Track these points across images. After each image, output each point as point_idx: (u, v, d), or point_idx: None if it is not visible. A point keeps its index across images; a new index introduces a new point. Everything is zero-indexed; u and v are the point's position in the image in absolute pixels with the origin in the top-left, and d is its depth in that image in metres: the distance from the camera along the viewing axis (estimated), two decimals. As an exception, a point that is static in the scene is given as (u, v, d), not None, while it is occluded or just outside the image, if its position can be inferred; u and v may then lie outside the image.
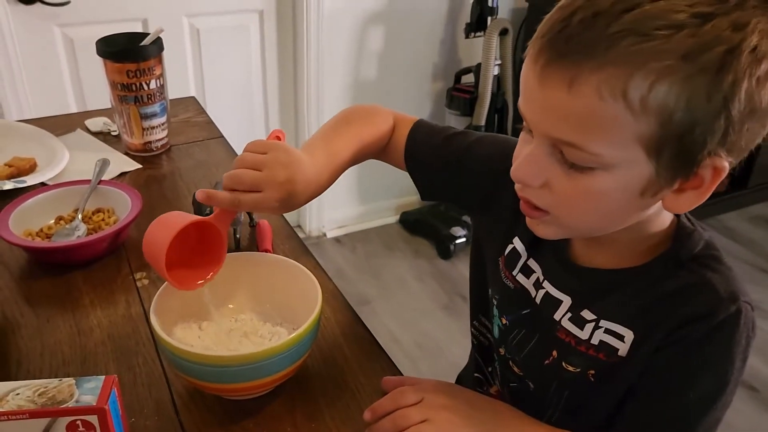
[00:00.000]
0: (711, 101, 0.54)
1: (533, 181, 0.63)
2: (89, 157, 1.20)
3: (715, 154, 0.57)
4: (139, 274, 0.95)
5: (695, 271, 0.67)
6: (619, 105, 0.54)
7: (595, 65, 0.54)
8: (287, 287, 0.81)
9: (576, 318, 0.72)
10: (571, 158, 0.59)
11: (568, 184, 0.61)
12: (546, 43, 0.57)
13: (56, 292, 0.92)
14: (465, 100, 2.52)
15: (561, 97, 0.56)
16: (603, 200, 0.61)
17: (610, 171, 0.58)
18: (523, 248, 0.79)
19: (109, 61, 1.17)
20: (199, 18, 2.21)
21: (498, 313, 0.82)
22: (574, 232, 0.68)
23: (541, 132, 0.60)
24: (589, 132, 0.56)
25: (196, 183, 1.18)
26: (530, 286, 0.77)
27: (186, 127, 1.38)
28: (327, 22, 2.34)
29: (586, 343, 0.71)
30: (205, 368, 0.69)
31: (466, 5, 2.52)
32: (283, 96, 2.49)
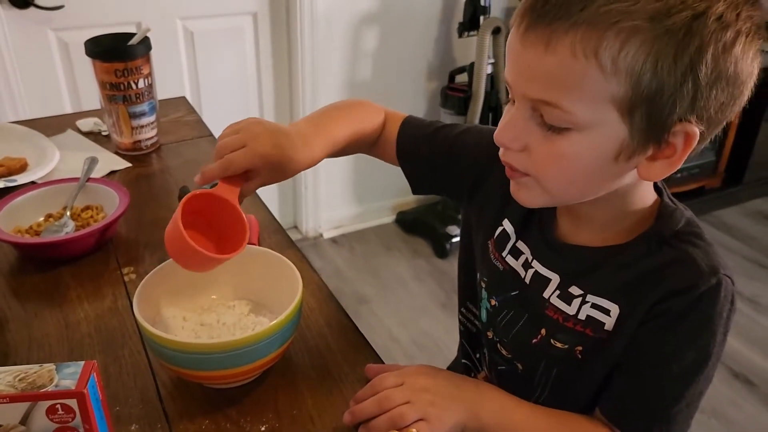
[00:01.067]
0: (678, 64, 0.56)
1: (513, 144, 0.65)
2: (79, 156, 1.21)
3: (686, 120, 0.60)
4: (127, 268, 0.96)
5: (677, 246, 0.69)
6: (591, 64, 0.57)
7: (569, 25, 0.57)
8: (269, 278, 0.82)
9: (564, 294, 0.74)
10: (549, 119, 0.62)
11: (545, 147, 0.63)
12: (527, 9, 0.60)
13: (45, 287, 0.93)
14: (459, 99, 2.53)
15: (539, 56, 0.59)
16: (579, 162, 0.63)
17: (585, 132, 0.61)
18: (512, 230, 0.81)
19: (97, 61, 1.19)
20: (193, 21, 2.23)
21: (486, 296, 0.83)
22: (554, 198, 0.69)
23: (521, 93, 0.63)
24: (564, 90, 0.59)
25: (184, 180, 1.19)
26: (519, 267, 0.79)
27: (176, 126, 1.39)
28: (321, 23, 2.35)
29: (574, 319, 0.73)
30: (188, 356, 0.70)
31: (459, 5, 2.53)
32: (279, 97, 2.50)
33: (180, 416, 0.73)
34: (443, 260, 2.64)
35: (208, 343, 0.72)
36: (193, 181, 0.98)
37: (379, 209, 2.86)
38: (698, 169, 2.90)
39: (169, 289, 0.80)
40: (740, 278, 2.50)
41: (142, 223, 1.07)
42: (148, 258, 0.99)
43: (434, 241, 2.69)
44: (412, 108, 2.71)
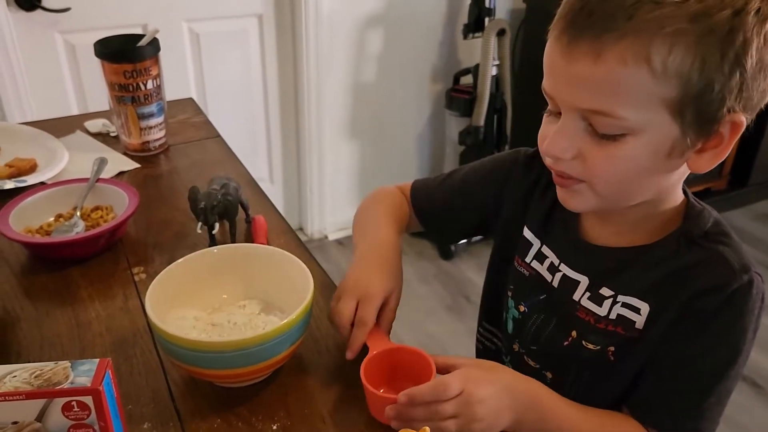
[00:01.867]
0: (724, 60, 0.58)
1: (565, 153, 0.66)
2: (88, 157, 1.22)
3: (733, 111, 0.61)
4: (137, 268, 0.97)
5: (707, 246, 0.70)
6: (643, 70, 0.59)
7: (617, 35, 0.59)
8: (280, 278, 0.83)
9: (595, 296, 0.74)
10: (601, 127, 0.63)
11: (600, 153, 0.65)
12: (569, 22, 0.62)
13: (55, 286, 0.93)
14: (464, 101, 2.53)
15: (588, 68, 0.61)
16: (634, 164, 0.65)
17: (639, 135, 0.62)
18: (533, 236, 0.82)
19: (106, 62, 1.19)
20: (199, 23, 2.23)
21: (514, 304, 0.84)
22: (606, 201, 0.70)
23: (570, 105, 0.64)
24: (616, 98, 0.61)
25: (192, 180, 1.18)
26: (545, 271, 0.80)
27: (184, 127, 1.39)
28: (326, 25, 2.36)
29: (605, 320, 0.74)
30: (199, 354, 0.71)
31: (463, 7, 2.53)
32: (284, 99, 2.51)
33: (192, 415, 0.74)
34: (448, 262, 2.64)
35: (219, 341, 0.73)
36: (203, 185, 0.99)
37: (384, 211, 2.86)
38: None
39: (180, 289, 0.81)
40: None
41: (151, 224, 1.07)
42: (157, 258, 0.99)
43: (439, 243, 2.69)
44: (417, 109, 2.72)
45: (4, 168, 1.16)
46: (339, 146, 2.63)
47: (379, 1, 2.42)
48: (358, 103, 2.59)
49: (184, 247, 1.01)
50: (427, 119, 2.77)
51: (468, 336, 2.34)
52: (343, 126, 2.60)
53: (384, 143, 2.71)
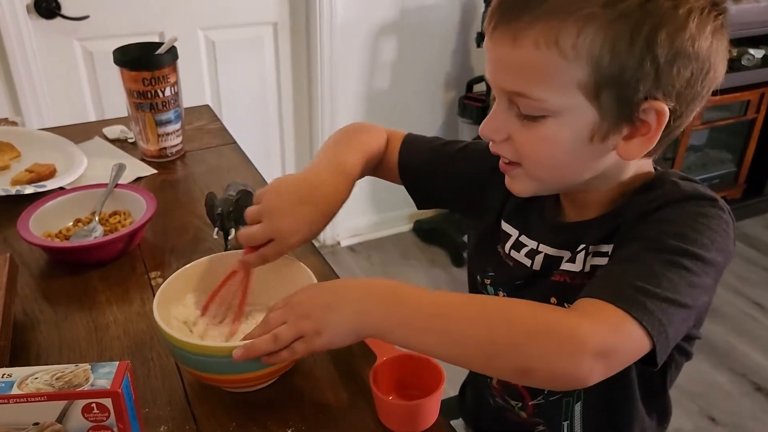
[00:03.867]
0: (634, 45, 0.60)
1: (496, 135, 0.71)
2: (106, 162, 1.24)
3: (652, 98, 0.63)
4: (154, 273, 0.98)
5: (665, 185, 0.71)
6: (553, 52, 0.62)
7: (531, 19, 0.62)
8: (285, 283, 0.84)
9: (570, 258, 0.76)
10: (524, 109, 0.66)
11: (525, 134, 0.68)
12: (495, 8, 0.66)
13: (74, 290, 0.95)
14: (477, 109, 2.54)
15: (507, 52, 0.65)
16: (558, 146, 0.67)
17: (558, 117, 0.65)
18: (510, 227, 0.84)
19: (125, 70, 1.21)
20: (215, 31, 2.26)
21: (493, 290, 0.86)
22: (544, 184, 0.73)
23: (498, 88, 0.68)
24: (532, 80, 0.64)
25: (209, 186, 1.20)
26: (522, 257, 0.81)
27: (200, 134, 1.41)
28: (340, 33, 2.38)
29: (581, 275, 0.75)
30: (205, 359, 0.71)
31: (477, 14, 2.55)
32: (297, 106, 2.53)
33: (207, 418, 0.74)
34: (461, 269, 2.64)
35: (223, 346, 0.73)
36: (219, 191, 1.00)
37: (397, 218, 2.87)
38: (718, 180, 2.88)
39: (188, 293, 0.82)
40: (763, 291, 2.50)
41: (167, 229, 1.08)
42: (174, 263, 1.00)
43: (451, 250, 2.70)
44: (430, 117, 2.73)
45: (24, 173, 1.18)
46: (352, 153, 2.64)
47: (392, 9, 2.44)
48: (372, 110, 2.60)
49: (201, 252, 1.02)
50: (439, 126, 2.77)
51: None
52: (356, 133, 2.61)
53: (397, 150, 2.71)
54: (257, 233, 0.79)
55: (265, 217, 0.79)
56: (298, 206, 0.80)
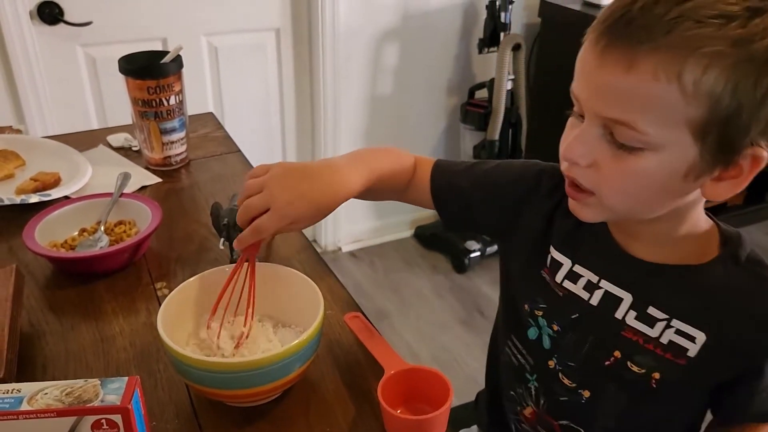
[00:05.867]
0: (757, 89, 0.58)
1: (582, 159, 0.66)
2: (111, 171, 1.23)
3: (756, 144, 0.61)
4: (160, 283, 0.98)
5: (753, 271, 0.71)
6: (673, 86, 0.58)
7: (652, 47, 0.58)
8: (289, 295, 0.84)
9: (643, 316, 0.73)
10: (621, 138, 0.63)
11: (615, 164, 0.64)
12: (607, 27, 0.61)
13: (80, 300, 0.94)
14: (479, 115, 2.54)
15: (618, 77, 0.60)
16: (648, 181, 0.64)
17: (657, 152, 0.62)
18: (562, 256, 0.81)
19: (130, 78, 1.21)
20: (217, 37, 2.26)
21: (546, 323, 0.82)
22: (615, 214, 0.71)
23: (594, 111, 0.64)
24: (642, 111, 0.60)
25: (214, 195, 1.20)
26: (580, 290, 0.78)
27: (204, 141, 1.41)
28: (342, 39, 2.38)
29: (655, 341, 0.73)
30: (211, 375, 0.71)
31: (479, 21, 2.55)
32: (300, 112, 2.53)
33: (215, 430, 0.74)
34: (462, 275, 2.64)
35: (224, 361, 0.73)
36: (224, 200, 1.00)
37: (398, 224, 2.87)
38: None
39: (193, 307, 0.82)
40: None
41: (173, 239, 1.08)
42: (180, 273, 1.00)
43: (453, 256, 2.70)
44: (432, 123, 2.73)
45: (28, 182, 1.17)
46: (354, 159, 2.64)
47: (394, 15, 2.44)
48: (374, 116, 2.60)
49: (206, 262, 1.02)
50: (441, 132, 2.78)
51: (482, 349, 2.34)
52: (358, 139, 2.62)
53: (399, 156, 2.72)
54: (254, 201, 0.77)
55: (265, 188, 0.78)
56: (301, 181, 0.79)
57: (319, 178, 0.81)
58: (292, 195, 0.77)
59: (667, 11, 0.58)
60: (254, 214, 0.77)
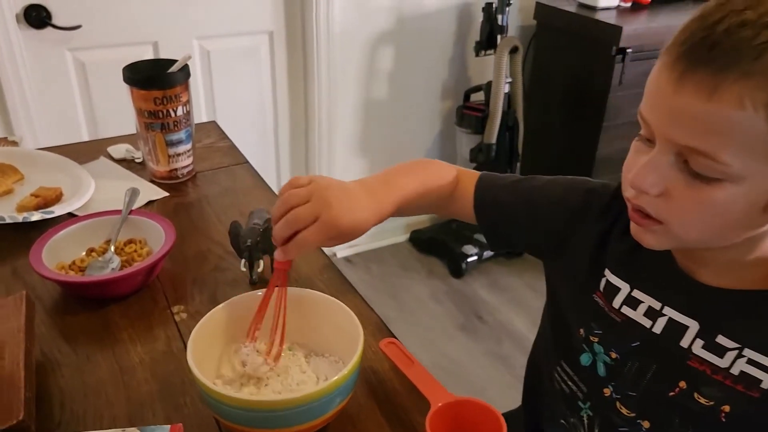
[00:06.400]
0: None
1: (653, 188, 0.62)
2: (115, 185, 1.18)
3: None
4: (177, 307, 0.93)
5: None
6: (759, 116, 0.55)
7: (740, 74, 0.54)
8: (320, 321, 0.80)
9: (712, 345, 0.69)
10: (698, 168, 0.59)
11: (689, 194, 0.61)
12: (686, 51, 0.57)
13: (93, 327, 0.89)
14: (476, 118, 2.51)
15: (699, 104, 0.56)
16: (724, 212, 0.60)
17: (737, 183, 0.58)
18: (619, 281, 0.77)
19: (135, 89, 1.16)
20: (210, 40, 2.20)
21: (603, 350, 0.78)
22: (682, 243, 0.67)
23: (668, 139, 0.60)
24: (724, 141, 0.56)
25: (224, 210, 1.15)
26: (640, 317, 0.74)
27: (210, 152, 1.36)
28: (337, 42, 2.33)
29: (725, 372, 0.68)
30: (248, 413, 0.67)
31: (474, 24, 2.52)
32: (294, 116, 2.47)
33: (251, 471, 0.70)
34: (459, 280, 2.61)
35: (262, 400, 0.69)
36: (236, 215, 0.95)
37: (393, 228, 2.83)
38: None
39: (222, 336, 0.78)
40: None
41: (186, 258, 1.03)
42: (197, 295, 0.95)
43: (450, 260, 2.67)
44: (427, 126, 2.69)
45: (29, 198, 1.11)
46: (349, 163, 2.60)
47: (389, 18, 2.40)
48: (369, 119, 2.56)
49: (224, 283, 0.97)
50: (437, 135, 2.74)
51: (484, 356, 2.33)
52: (353, 143, 2.57)
53: (394, 160, 2.66)
54: (302, 212, 0.73)
55: (315, 195, 0.74)
56: (348, 196, 0.76)
57: (360, 196, 0.77)
58: (341, 209, 0.74)
59: (755, 35, 0.54)
60: (301, 226, 0.73)
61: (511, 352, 2.25)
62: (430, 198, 0.86)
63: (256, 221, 0.95)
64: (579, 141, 2.53)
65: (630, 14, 2.46)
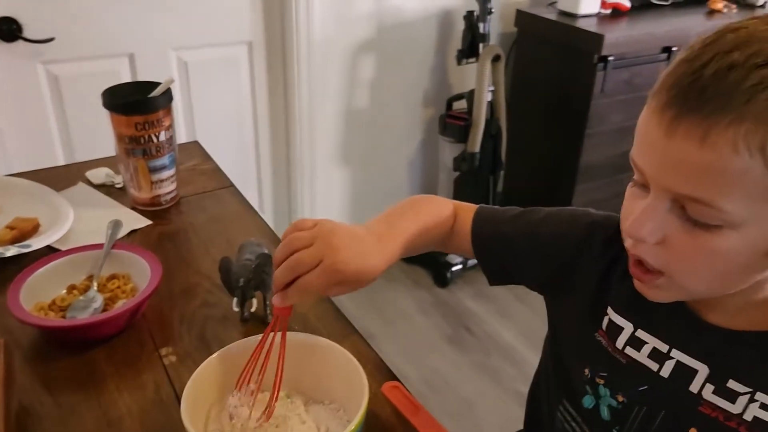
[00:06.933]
0: None
1: (650, 237, 0.60)
2: (95, 214, 1.13)
3: None
4: (165, 349, 0.88)
5: None
6: (756, 161, 0.52)
7: (732, 119, 0.52)
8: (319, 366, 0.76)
9: (722, 390, 0.66)
10: (696, 215, 0.57)
11: (688, 242, 0.58)
12: (675, 96, 0.55)
13: (76, 374, 0.84)
14: (459, 127, 2.48)
15: (691, 151, 0.54)
16: (726, 259, 0.58)
17: (737, 229, 0.56)
18: (622, 320, 0.74)
19: (115, 114, 1.11)
20: (187, 51, 2.14)
21: (609, 392, 0.75)
22: (688, 294, 0.65)
23: (663, 186, 0.58)
24: (720, 188, 0.54)
25: (212, 240, 1.11)
26: (645, 359, 0.72)
27: (193, 175, 1.31)
28: (317, 51, 2.29)
29: (738, 418, 0.65)
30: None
31: (455, 32, 2.49)
32: (274, 127, 2.43)
33: None
34: (445, 290, 2.59)
35: None
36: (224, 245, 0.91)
37: (376, 238, 2.79)
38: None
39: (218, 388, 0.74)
40: None
41: (173, 294, 0.99)
42: (186, 336, 0.91)
43: (434, 270, 2.64)
44: (410, 135, 2.66)
45: (4, 230, 1.06)
46: (331, 174, 2.56)
47: (370, 26, 2.36)
48: (351, 129, 2.52)
49: (215, 321, 0.93)
50: (419, 144, 2.71)
51: (471, 369, 2.30)
52: (335, 153, 2.53)
53: (376, 170, 2.65)
54: (305, 256, 0.70)
55: (319, 239, 0.70)
56: (355, 241, 0.73)
57: (368, 240, 0.74)
58: (349, 253, 0.70)
59: (744, 77, 0.52)
60: (303, 270, 0.69)
61: (500, 363, 2.23)
62: (431, 235, 0.84)
63: (248, 256, 0.91)
64: (562, 149, 2.52)
65: (610, 21, 2.45)
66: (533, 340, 2.29)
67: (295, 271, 0.70)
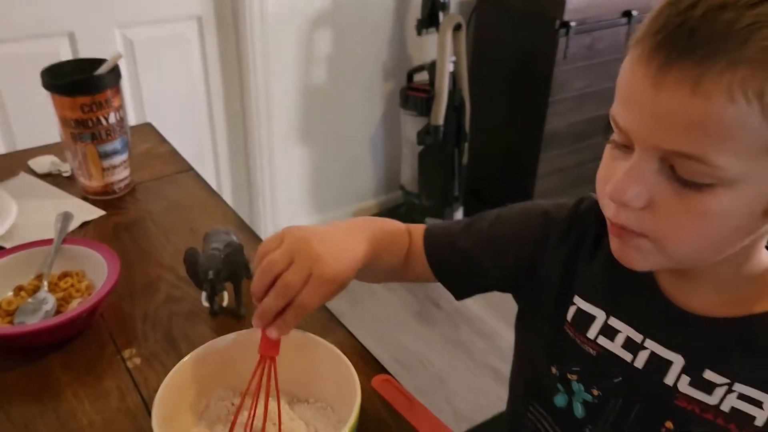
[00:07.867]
0: None
1: (636, 201, 0.54)
2: (42, 206, 1.04)
3: None
4: (128, 351, 0.81)
5: None
6: (754, 109, 0.47)
7: (727, 63, 0.47)
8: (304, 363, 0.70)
9: (699, 381, 0.62)
10: (687, 174, 0.51)
11: (678, 205, 0.53)
12: (662, 40, 0.49)
13: (29, 385, 0.76)
14: (421, 100, 2.41)
15: (682, 100, 0.49)
16: (720, 222, 0.53)
17: (732, 187, 0.51)
18: (592, 307, 0.69)
19: (57, 95, 1.01)
20: (133, 29, 2.02)
21: (584, 387, 0.70)
22: (671, 262, 0.58)
23: (650, 144, 0.52)
24: (714, 141, 0.49)
25: (173, 228, 1.03)
26: (619, 349, 0.67)
27: (148, 160, 1.22)
28: (271, 25, 2.19)
29: (715, 410, 0.61)
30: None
31: (412, 2, 2.42)
32: (229, 106, 2.32)
33: None
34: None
35: None
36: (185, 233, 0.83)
37: (340, 217, 2.73)
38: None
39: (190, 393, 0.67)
40: None
41: (133, 290, 0.91)
42: (150, 335, 0.83)
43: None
44: (371, 109, 2.59)
45: (-61, 229, 0.96)
46: (290, 152, 2.47)
47: (325, -2, 2.27)
48: (309, 105, 2.43)
49: (180, 316, 0.86)
50: (380, 119, 2.64)
51: (443, 345, 2.27)
52: (293, 130, 2.45)
53: (337, 145, 2.57)
54: (291, 278, 0.63)
55: (296, 252, 0.64)
56: (328, 235, 0.68)
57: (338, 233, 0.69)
58: (332, 257, 0.64)
59: (738, 17, 0.47)
60: (296, 292, 0.63)
61: (470, 337, 2.20)
62: (393, 240, 0.78)
63: (216, 245, 0.83)
64: (526, 117, 2.49)
65: (570, -14, 2.41)
66: (502, 311, 2.25)
67: (287, 296, 0.63)
